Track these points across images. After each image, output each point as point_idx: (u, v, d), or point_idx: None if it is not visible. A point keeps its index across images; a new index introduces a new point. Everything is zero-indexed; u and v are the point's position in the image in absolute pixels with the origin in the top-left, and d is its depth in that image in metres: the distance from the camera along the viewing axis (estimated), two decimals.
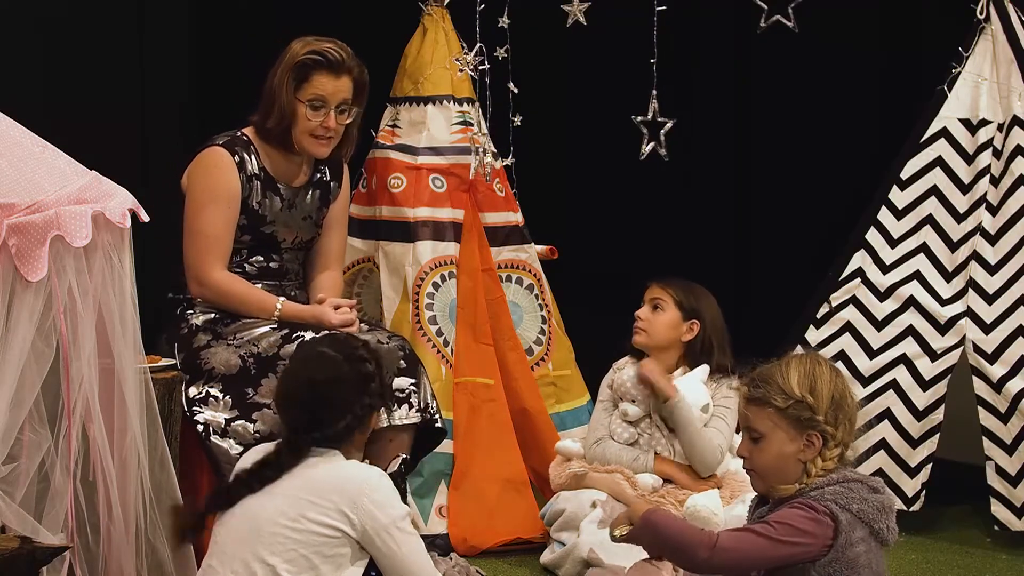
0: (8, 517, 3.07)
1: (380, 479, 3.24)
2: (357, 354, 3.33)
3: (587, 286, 5.38)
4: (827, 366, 3.14)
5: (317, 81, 4.05)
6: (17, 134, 3.19)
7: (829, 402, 3.08)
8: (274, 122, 4.08)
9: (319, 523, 3.15)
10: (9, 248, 3.00)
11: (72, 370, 3.12)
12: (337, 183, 4.30)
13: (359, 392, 3.29)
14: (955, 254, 4.64)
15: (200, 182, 4.08)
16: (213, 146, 4.10)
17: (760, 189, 5.73)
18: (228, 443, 3.91)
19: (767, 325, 4.90)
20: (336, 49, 4.07)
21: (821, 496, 3.04)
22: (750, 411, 3.15)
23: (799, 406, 3.08)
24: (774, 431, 3.10)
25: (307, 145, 4.10)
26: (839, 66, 5.39)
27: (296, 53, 4.06)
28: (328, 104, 4.06)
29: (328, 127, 4.08)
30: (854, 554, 3.03)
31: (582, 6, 4.64)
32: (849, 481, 3.07)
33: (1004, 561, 4.36)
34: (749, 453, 3.15)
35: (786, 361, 3.15)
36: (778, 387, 3.10)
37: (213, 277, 4.04)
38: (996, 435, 4.46)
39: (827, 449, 3.08)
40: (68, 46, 4.74)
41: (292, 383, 3.32)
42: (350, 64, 4.08)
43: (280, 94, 4.05)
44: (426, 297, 4.62)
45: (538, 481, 4.66)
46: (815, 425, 3.07)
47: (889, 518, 3.07)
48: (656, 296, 4.32)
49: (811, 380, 3.09)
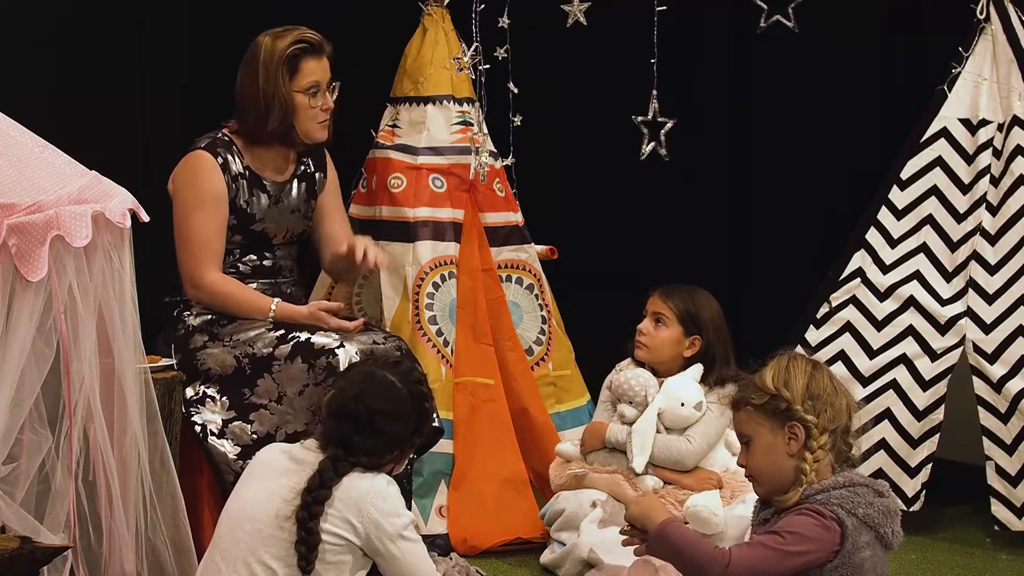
0: (8, 517, 3.07)
1: (387, 487, 3.23)
2: (421, 391, 3.32)
3: (587, 286, 5.38)
4: (804, 361, 3.19)
5: (307, 68, 4.08)
6: (17, 134, 3.19)
7: (804, 392, 3.12)
8: (276, 121, 4.08)
9: (325, 531, 3.15)
10: (9, 248, 3.01)
11: (73, 370, 3.12)
12: (323, 173, 4.32)
13: (413, 431, 3.30)
14: (955, 254, 4.64)
15: (186, 187, 4.09)
16: (195, 150, 4.11)
17: (760, 189, 5.73)
18: (225, 444, 3.92)
19: (767, 325, 4.90)
20: (310, 33, 4.11)
21: (827, 500, 3.05)
22: (736, 418, 3.22)
23: (775, 400, 3.13)
24: (758, 430, 3.16)
25: (315, 132, 4.14)
26: (839, 66, 5.38)
27: (276, 48, 4.07)
28: (321, 87, 4.11)
29: (327, 108, 4.13)
30: (860, 559, 3.04)
31: (582, 6, 4.64)
32: (855, 485, 3.08)
33: (1004, 561, 4.36)
34: (745, 460, 3.20)
35: (764, 363, 3.22)
36: (754, 386, 3.17)
37: (207, 279, 4.05)
38: (996, 435, 4.46)
39: (812, 440, 3.10)
40: (68, 46, 4.74)
41: (353, 401, 3.25)
42: (325, 42, 4.14)
43: (277, 91, 4.06)
44: (426, 297, 4.61)
45: (538, 481, 4.66)
46: (793, 414, 3.11)
47: (894, 522, 3.09)
48: (658, 310, 4.32)
49: (785, 375, 3.15)
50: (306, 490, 3.16)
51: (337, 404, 3.28)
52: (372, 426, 3.22)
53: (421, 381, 3.36)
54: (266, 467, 3.29)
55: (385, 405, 3.24)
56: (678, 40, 4.84)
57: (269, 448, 3.39)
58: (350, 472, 3.20)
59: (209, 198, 4.07)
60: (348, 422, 3.22)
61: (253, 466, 3.35)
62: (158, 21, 5.07)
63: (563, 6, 4.66)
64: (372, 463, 3.23)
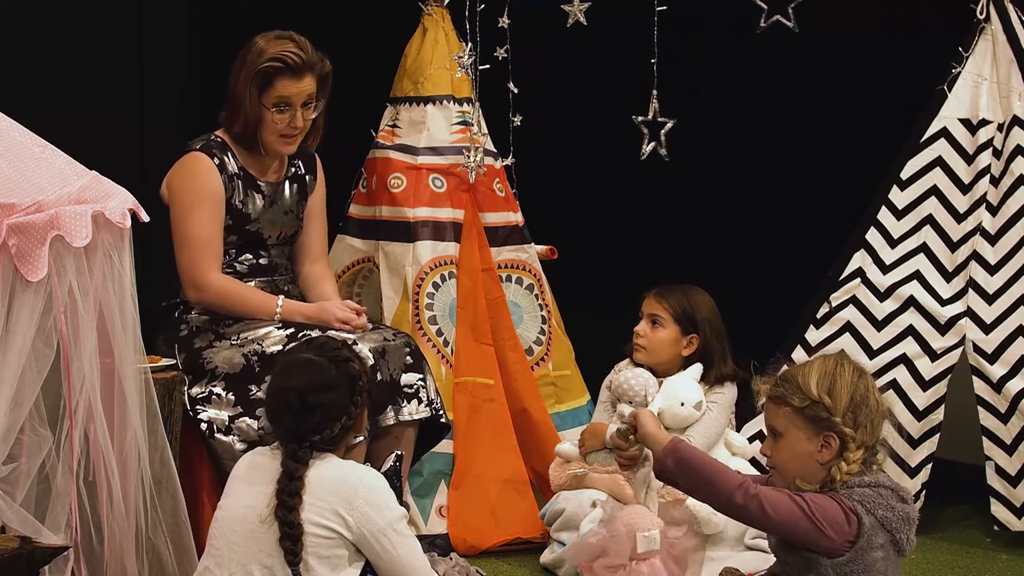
0: (9, 517, 3.07)
1: (376, 480, 3.25)
2: (341, 355, 3.32)
3: (587, 286, 5.38)
4: (851, 367, 3.12)
5: (280, 85, 4.05)
6: (17, 134, 3.19)
7: (848, 404, 3.07)
8: (240, 127, 4.10)
9: (314, 524, 3.15)
10: (9, 248, 3.01)
11: (73, 370, 3.12)
12: (312, 176, 4.32)
13: (349, 393, 3.28)
14: (955, 254, 4.64)
15: (183, 187, 4.08)
16: (191, 151, 4.11)
17: (760, 189, 5.73)
18: (232, 439, 3.92)
19: (767, 325, 4.91)
20: (296, 51, 4.05)
21: (849, 496, 3.04)
22: (769, 409, 3.16)
23: (816, 407, 3.08)
24: (791, 430, 3.11)
25: (275, 145, 4.13)
26: (839, 66, 5.39)
27: (257, 57, 4.04)
28: (293, 105, 4.08)
29: (295, 126, 4.10)
30: (872, 558, 3.03)
31: (582, 6, 4.64)
32: (879, 487, 3.06)
33: (1004, 561, 4.36)
34: (770, 450, 3.16)
35: (811, 361, 3.15)
36: (796, 386, 3.10)
37: (210, 280, 4.04)
38: (996, 435, 4.46)
39: (848, 452, 3.07)
40: (68, 46, 4.74)
41: (281, 393, 3.27)
42: (311, 62, 4.08)
43: (244, 101, 4.06)
44: (426, 297, 4.62)
45: (538, 481, 4.66)
46: (832, 426, 3.07)
47: (911, 529, 3.08)
48: (654, 311, 4.33)
49: (830, 381, 3.08)
50: (277, 490, 3.18)
51: (271, 406, 3.32)
52: (306, 406, 3.22)
53: (339, 347, 3.35)
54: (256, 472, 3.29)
55: (308, 381, 3.24)
56: (678, 40, 4.85)
57: (251, 454, 3.39)
58: (312, 457, 3.20)
59: (208, 198, 4.06)
60: (287, 415, 3.24)
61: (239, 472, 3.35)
62: (158, 21, 5.07)
63: (563, 6, 4.67)
64: (326, 439, 3.23)
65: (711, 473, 3.10)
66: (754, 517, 3.07)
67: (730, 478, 3.09)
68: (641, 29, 4.66)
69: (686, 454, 3.16)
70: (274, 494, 3.17)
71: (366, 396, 3.34)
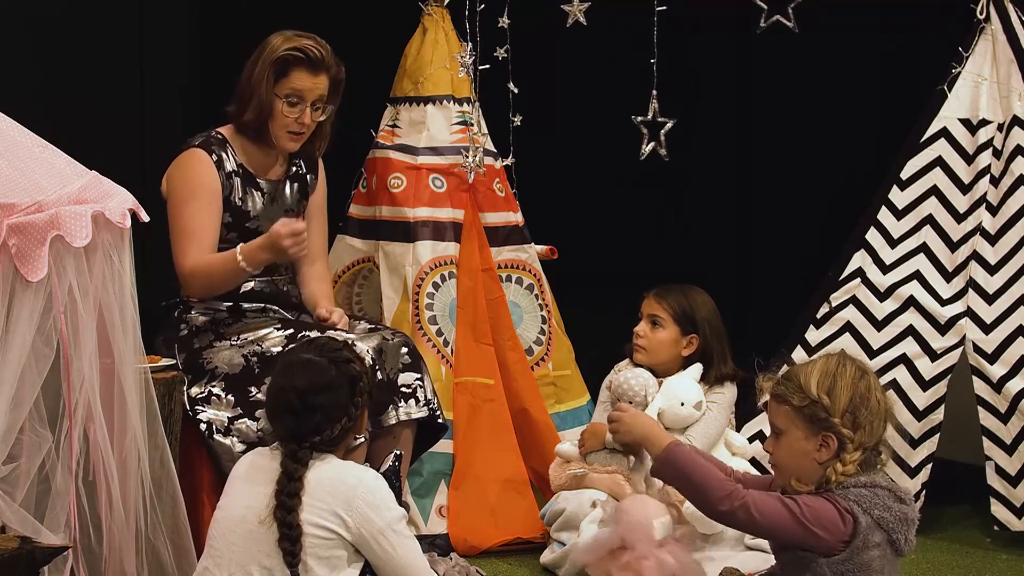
0: (9, 517, 3.07)
1: (375, 481, 3.25)
2: (342, 356, 3.32)
3: (587, 286, 5.38)
4: (853, 367, 3.12)
5: (296, 77, 4.06)
6: (17, 134, 3.19)
7: (847, 404, 3.07)
8: (252, 115, 4.09)
9: (313, 524, 3.15)
10: (9, 248, 3.01)
11: (73, 370, 3.12)
12: (314, 175, 4.32)
13: (350, 394, 3.28)
14: (955, 254, 4.64)
15: (180, 182, 4.08)
16: (190, 148, 4.11)
17: (760, 189, 5.73)
18: (231, 440, 3.92)
19: (767, 325, 4.90)
20: (316, 46, 4.08)
21: (845, 496, 3.04)
22: (771, 407, 3.16)
23: (815, 406, 3.08)
24: (791, 428, 3.11)
25: (281, 139, 4.12)
26: (839, 66, 5.39)
27: (276, 48, 4.07)
28: (304, 100, 4.08)
29: (303, 123, 4.10)
30: (868, 558, 3.03)
31: (582, 6, 4.64)
32: (876, 487, 3.06)
33: (1004, 561, 4.36)
34: (771, 447, 3.16)
35: (814, 360, 3.16)
36: (797, 386, 3.10)
37: (186, 265, 4.01)
38: (996, 435, 4.46)
39: (845, 453, 3.07)
40: (68, 46, 4.74)
41: (281, 393, 3.28)
42: (329, 62, 4.10)
43: (259, 88, 4.06)
44: (426, 297, 4.62)
45: (538, 481, 4.66)
46: (830, 427, 3.07)
47: (909, 530, 3.06)
48: (654, 312, 4.33)
49: (831, 381, 3.08)
50: (277, 490, 3.18)
51: (271, 406, 3.32)
52: (307, 406, 3.22)
53: (339, 348, 3.36)
54: (256, 472, 3.29)
55: (309, 381, 3.24)
56: (678, 40, 4.85)
57: (251, 454, 3.39)
58: (312, 458, 3.21)
59: (203, 192, 4.06)
60: (287, 415, 3.24)
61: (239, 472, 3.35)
62: (158, 21, 5.07)
63: (563, 6, 4.67)
64: (326, 440, 3.24)
65: (701, 479, 3.10)
66: (742, 523, 3.07)
67: (719, 485, 3.08)
68: (641, 29, 4.66)
69: (677, 460, 3.15)
70: (273, 495, 3.18)
71: (366, 397, 3.34)
